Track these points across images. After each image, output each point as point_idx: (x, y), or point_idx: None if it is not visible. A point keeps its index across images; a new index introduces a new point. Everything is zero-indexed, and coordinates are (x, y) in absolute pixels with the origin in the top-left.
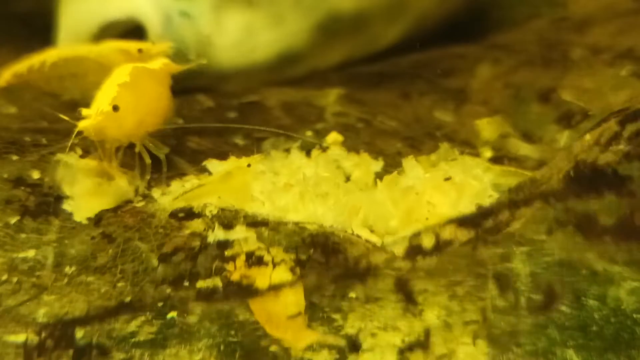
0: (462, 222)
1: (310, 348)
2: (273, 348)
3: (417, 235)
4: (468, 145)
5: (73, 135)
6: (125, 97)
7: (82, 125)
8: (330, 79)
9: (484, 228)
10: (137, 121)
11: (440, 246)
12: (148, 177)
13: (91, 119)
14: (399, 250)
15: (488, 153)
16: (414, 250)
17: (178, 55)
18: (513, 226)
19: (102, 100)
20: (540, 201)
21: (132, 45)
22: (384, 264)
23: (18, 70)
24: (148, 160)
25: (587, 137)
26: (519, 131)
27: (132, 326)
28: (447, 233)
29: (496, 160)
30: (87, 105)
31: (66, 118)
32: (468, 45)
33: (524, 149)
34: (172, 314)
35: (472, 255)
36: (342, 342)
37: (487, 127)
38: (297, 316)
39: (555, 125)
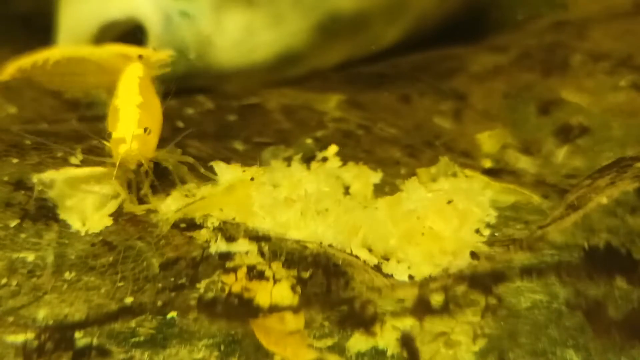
0: (474, 282)
1: None
2: None
3: (426, 284)
4: (467, 156)
5: (117, 165)
6: (146, 118)
7: (122, 150)
8: (330, 80)
9: (495, 294)
10: (157, 138)
11: (449, 307)
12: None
13: (127, 144)
14: (407, 295)
15: (487, 165)
16: (422, 306)
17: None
18: (523, 298)
19: (129, 123)
20: (554, 276)
21: (133, 50)
22: (391, 316)
23: (22, 65)
24: (184, 169)
25: (604, 199)
26: (518, 141)
27: (132, 325)
28: (458, 293)
29: (495, 173)
30: (89, 105)
31: (106, 143)
32: (468, 46)
33: (523, 161)
34: (172, 314)
35: (480, 324)
36: None
37: (487, 141)
38: (297, 333)
39: (554, 138)
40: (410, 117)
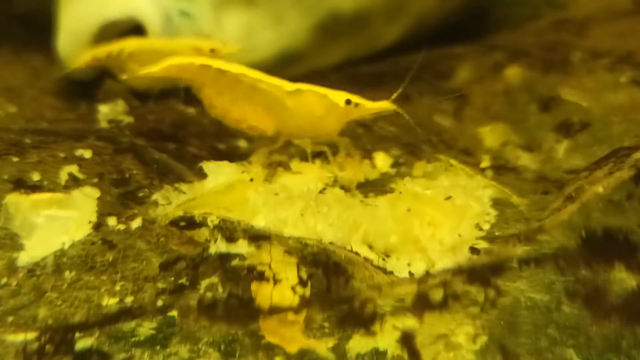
0: (472, 275)
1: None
2: (273, 346)
3: (424, 280)
4: (467, 153)
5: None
6: None
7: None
8: (329, 79)
9: (493, 285)
10: None
11: (447, 301)
12: None
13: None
14: (406, 291)
15: (487, 162)
16: (422, 303)
17: None
18: (522, 287)
19: None
20: (552, 264)
21: (205, 44)
22: (391, 313)
23: (97, 54)
24: None
25: (600, 189)
26: (519, 138)
27: (132, 325)
28: (456, 288)
29: (495, 170)
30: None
31: None
32: (468, 45)
33: (523, 158)
34: (173, 313)
35: (479, 316)
36: (331, 356)
37: (489, 135)
38: (296, 323)
39: (554, 133)
40: (410, 115)
